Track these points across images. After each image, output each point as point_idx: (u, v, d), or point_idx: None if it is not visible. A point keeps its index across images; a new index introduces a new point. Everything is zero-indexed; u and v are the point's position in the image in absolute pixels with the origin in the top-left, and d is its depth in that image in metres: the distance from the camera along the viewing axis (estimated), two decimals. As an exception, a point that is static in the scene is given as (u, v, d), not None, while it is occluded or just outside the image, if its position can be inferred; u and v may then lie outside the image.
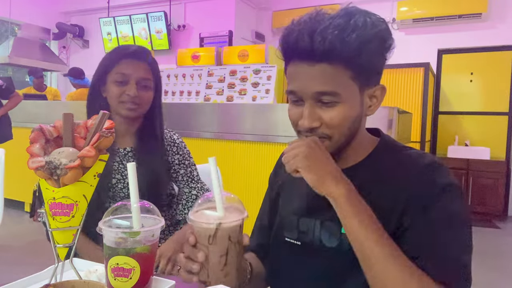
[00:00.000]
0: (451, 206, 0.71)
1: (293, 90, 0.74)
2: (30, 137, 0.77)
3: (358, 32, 0.67)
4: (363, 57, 0.69)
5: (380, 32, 0.71)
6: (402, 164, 0.76)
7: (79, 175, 0.74)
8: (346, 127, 0.73)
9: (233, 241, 0.68)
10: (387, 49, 0.74)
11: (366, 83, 0.73)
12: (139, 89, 1.22)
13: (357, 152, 0.80)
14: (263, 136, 2.85)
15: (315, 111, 0.72)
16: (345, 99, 0.71)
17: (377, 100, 0.77)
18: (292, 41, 0.71)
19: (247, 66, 4.41)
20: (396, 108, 2.65)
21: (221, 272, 0.68)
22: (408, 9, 5.35)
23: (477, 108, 5.05)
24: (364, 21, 0.69)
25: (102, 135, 0.76)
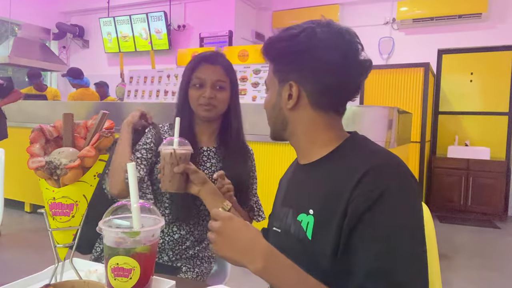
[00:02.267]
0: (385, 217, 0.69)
1: None
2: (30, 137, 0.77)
3: (276, 35, 0.86)
4: (272, 54, 0.87)
5: (289, 35, 0.83)
6: (357, 158, 0.77)
7: (79, 175, 0.74)
8: (269, 111, 0.91)
9: (166, 161, 1.10)
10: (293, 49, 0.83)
11: (281, 78, 0.86)
12: (214, 91, 1.30)
13: (320, 148, 0.84)
14: (263, 136, 2.84)
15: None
16: (269, 88, 0.90)
17: (293, 97, 0.84)
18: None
19: (247, 66, 4.41)
20: (396, 108, 2.65)
21: (164, 178, 1.11)
22: (408, 9, 5.35)
23: (477, 108, 5.05)
24: (288, 28, 0.85)
25: (102, 135, 0.76)
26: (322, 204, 0.77)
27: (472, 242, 3.87)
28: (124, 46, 6.92)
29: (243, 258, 0.72)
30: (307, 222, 0.78)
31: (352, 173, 0.73)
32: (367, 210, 0.69)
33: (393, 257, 0.67)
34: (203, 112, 1.31)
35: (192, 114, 1.35)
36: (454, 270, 3.01)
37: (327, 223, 0.74)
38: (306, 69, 0.82)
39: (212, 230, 0.76)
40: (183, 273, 1.31)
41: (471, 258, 3.37)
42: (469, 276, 2.93)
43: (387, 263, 0.67)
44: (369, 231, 0.69)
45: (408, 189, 0.73)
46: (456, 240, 3.89)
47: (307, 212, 0.79)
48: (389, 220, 0.69)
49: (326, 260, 0.73)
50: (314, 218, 0.77)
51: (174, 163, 1.09)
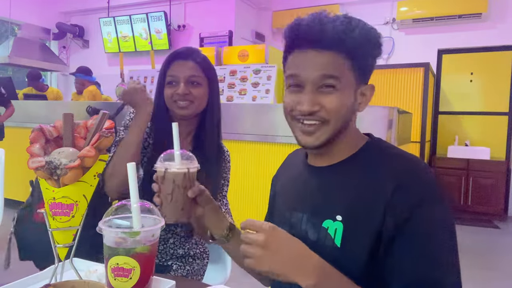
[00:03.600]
0: (430, 219, 0.70)
1: (296, 74, 0.78)
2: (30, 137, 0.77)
3: (359, 29, 0.75)
4: (361, 51, 0.76)
5: (377, 35, 0.78)
6: (389, 164, 0.76)
7: (79, 175, 0.74)
8: (342, 114, 0.77)
9: (176, 184, 0.86)
10: (377, 53, 0.79)
11: (360, 78, 0.79)
12: (188, 87, 1.25)
13: (345, 149, 0.81)
14: (263, 136, 2.85)
15: (315, 96, 0.76)
16: (343, 87, 0.76)
17: (366, 99, 0.81)
18: (304, 29, 0.76)
19: (247, 66, 4.41)
20: (396, 108, 2.65)
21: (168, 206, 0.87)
22: (408, 9, 5.35)
23: (477, 108, 5.05)
24: (364, 23, 0.77)
25: (102, 135, 0.76)
26: (353, 210, 0.74)
27: (472, 242, 3.87)
28: (124, 46, 6.92)
29: (293, 273, 0.67)
30: (334, 229, 0.75)
31: (387, 179, 0.72)
32: (409, 219, 0.69)
33: (439, 265, 0.68)
34: (178, 109, 1.25)
35: (168, 114, 1.28)
36: (454, 270, 3.00)
37: (360, 231, 0.72)
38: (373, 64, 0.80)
39: (253, 243, 0.69)
40: (174, 271, 1.30)
41: (471, 258, 3.37)
42: (469, 276, 2.91)
43: (434, 272, 0.67)
44: (412, 239, 0.69)
45: (441, 193, 0.74)
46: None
47: (333, 218, 0.76)
48: (432, 227, 0.70)
49: (357, 267, 0.71)
50: (343, 225, 0.74)
51: (188, 186, 0.87)
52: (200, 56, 1.30)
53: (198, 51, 1.32)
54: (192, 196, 0.88)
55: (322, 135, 0.77)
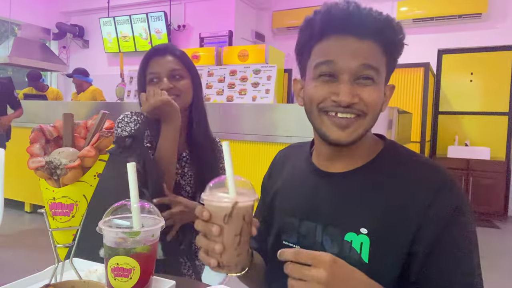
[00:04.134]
0: (466, 228, 0.69)
1: (332, 61, 0.70)
2: (30, 137, 0.77)
3: (398, 25, 0.71)
4: (396, 47, 0.72)
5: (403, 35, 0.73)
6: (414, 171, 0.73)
7: (79, 175, 0.74)
8: (377, 109, 0.73)
9: (246, 221, 0.68)
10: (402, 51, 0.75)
11: (388, 75, 0.75)
12: (172, 81, 1.22)
13: (363, 153, 0.77)
14: (263, 136, 2.85)
15: (353, 87, 0.70)
16: (380, 81, 0.72)
17: (386, 98, 0.77)
18: (344, 12, 0.69)
19: (247, 66, 4.41)
20: (396, 108, 2.65)
21: (235, 252, 0.68)
22: (408, 9, 5.35)
23: (477, 108, 5.05)
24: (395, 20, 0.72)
25: (102, 135, 0.76)
26: (381, 223, 0.69)
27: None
28: (124, 46, 6.92)
29: None
30: (360, 243, 0.70)
31: (419, 191, 0.69)
32: (445, 232, 0.67)
33: (473, 277, 0.67)
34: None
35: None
36: (454, 270, 3.01)
37: (391, 245, 0.68)
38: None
39: (312, 280, 0.56)
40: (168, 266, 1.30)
41: (471, 258, 3.37)
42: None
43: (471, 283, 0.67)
44: (450, 252, 0.67)
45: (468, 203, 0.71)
46: (456, 240, 3.88)
47: (357, 232, 0.70)
48: (466, 240, 0.68)
49: (386, 283, 0.65)
50: (369, 239, 0.69)
51: (249, 225, 0.70)
52: (177, 50, 1.28)
53: (175, 46, 1.29)
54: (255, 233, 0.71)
55: (357, 129, 0.72)
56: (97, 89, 5.46)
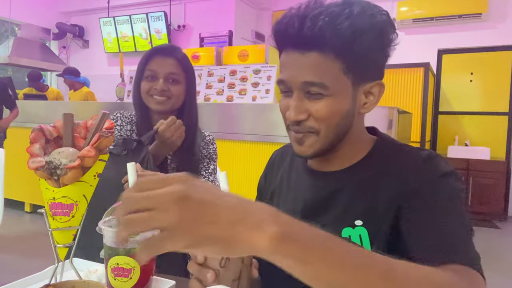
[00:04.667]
0: (453, 189, 0.66)
1: (283, 79, 0.69)
2: (30, 137, 0.77)
3: (352, 21, 0.62)
4: (356, 48, 0.64)
5: (378, 23, 0.65)
6: (401, 160, 0.71)
7: (79, 175, 0.74)
8: (335, 122, 0.68)
9: (246, 263, 0.61)
10: (387, 43, 0.68)
11: (360, 77, 0.68)
12: (168, 84, 1.24)
13: (354, 152, 0.75)
14: (263, 136, 2.85)
15: (302, 103, 0.68)
16: (334, 93, 0.66)
17: (374, 98, 0.72)
18: (283, 27, 0.66)
19: (247, 66, 4.40)
20: (396, 108, 2.65)
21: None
22: (408, 9, 5.35)
23: (477, 108, 5.05)
24: (361, 11, 0.64)
25: (102, 135, 0.76)
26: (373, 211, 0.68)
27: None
28: (124, 46, 6.92)
29: (239, 228, 0.40)
30: (358, 235, 0.69)
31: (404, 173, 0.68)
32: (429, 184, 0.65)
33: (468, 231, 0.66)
34: (154, 104, 1.24)
35: (148, 110, 1.27)
36: (454, 270, 3.00)
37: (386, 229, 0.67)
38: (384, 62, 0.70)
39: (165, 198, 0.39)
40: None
41: (471, 258, 3.36)
42: (469, 276, 2.92)
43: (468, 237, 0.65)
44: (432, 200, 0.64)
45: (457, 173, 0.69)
46: (456, 240, 3.88)
47: (352, 225, 0.70)
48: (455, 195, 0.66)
49: None
50: (366, 229, 0.69)
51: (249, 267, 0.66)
52: (181, 54, 1.29)
53: (180, 49, 1.31)
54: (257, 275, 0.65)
55: (313, 144, 0.70)
56: (90, 92, 5.44)
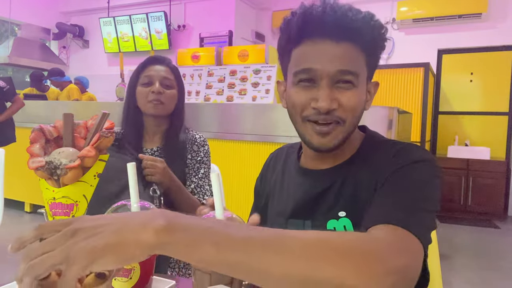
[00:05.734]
0: (423, 173, 0.66)
1: (312, 68, 0.69)
2: (30, 137, 0.77)
3: (374, 22, 0.69)
4: (378, 46, 0.71)
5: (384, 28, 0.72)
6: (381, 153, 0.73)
7: (79, 175, 0.74)
8: (358, 113, 0.72)
9: None
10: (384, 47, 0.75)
11: (371, 74, 0.74)
12: (163, 87, 1.35)
13: (347, 149, 0.78)
14: (263, 136, 2.85)
15: (333, 92, 0.69)
16: (360, 84, 0.70)
17: (371, 96, 0.78)
18: (318, 14, 0.67)
19: (247, 66, 4.41)
20: (396, 108, 2.65)
21: None
22: (408, 9, 5.35)
23: (477, 108, 5.05)
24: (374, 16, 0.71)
25: (102, 135, 0.76)
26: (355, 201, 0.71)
27: (472, 242, 3.87)
28: (124, 46, 6.92)
29: (123, 233, 0.41)
30: (343, 226, 0.72)
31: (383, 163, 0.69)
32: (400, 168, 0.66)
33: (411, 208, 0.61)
34: (151, 109, 1.34)
35: (140, 115, 1.38)
36: (454, 270, 3.01)
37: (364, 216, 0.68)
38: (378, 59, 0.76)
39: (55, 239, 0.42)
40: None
41: (471, 258, 3.37)
42: (469, 276, 2.93)
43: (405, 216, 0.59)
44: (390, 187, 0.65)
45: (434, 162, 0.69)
46: (456, 240, 3.89)
47: (336, 217, 0.72)
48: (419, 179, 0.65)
49: None
50: (350, 220, 0.71)
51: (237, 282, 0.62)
52: (172, 63, 1.44)
53: (170, 60, 1.46)
54: None
55: (337, 136, 0.71)
56: (73, 87, 5.45)
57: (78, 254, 0.40)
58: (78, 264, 0.40)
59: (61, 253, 0.40)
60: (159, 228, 0.42)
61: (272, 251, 0.44)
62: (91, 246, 0.40)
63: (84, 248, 0.40)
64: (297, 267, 0.44)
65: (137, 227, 0.42)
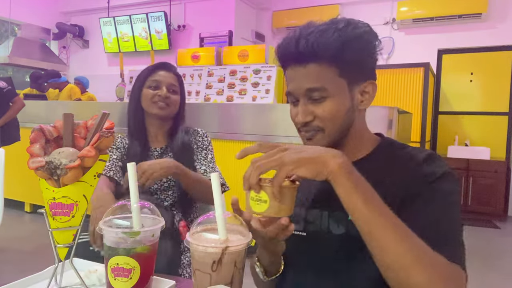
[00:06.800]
0: (449, 190, 0.75)
1: (290, 91, 0.83)
2: (30, 137, 0.77)
3: (339, 33, 0.76)
4: (346, 55, 0.76)
5: (361, 33, 0.78)
6: (401, 159, 0.80)
7: (79, 175, 0.74)
8: (339, 120, 0.80)
9: (238, 267, 0.61)
10: (372, 48, 0.80)
11: (354, 79, 0.80)
12: (169, 92, 1.46)
13: (357, 147, 0.84)
14: (263, 136, 2.85)
15: (307, 107, 0.80)
16: (333, 94, 0.78)
17: (369, 96, 0.83)
18: (284, 47, 0.81)
19: (247, 66, 4.41)
20: (396, 108, 2.65)
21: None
22: (408, 9, 5.35)
23: (477, 108, 5.05)
24: (346, 25, 0.77)
25: (102, 135, 0.76)
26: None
27: (472, 242, 3.87)
28: (124, 46, 6.92)
29: (322, 154, 0.65)
30: None
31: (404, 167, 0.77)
32: (428, 185, 0.74)
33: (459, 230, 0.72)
34: (157, 109, 1.44)
35: (144, 115, 1.48)
36: (454, 270, 3.01)
37: None
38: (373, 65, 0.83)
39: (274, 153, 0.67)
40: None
41: (471, 258, 3.34)
42: (469, 276, 2.92)
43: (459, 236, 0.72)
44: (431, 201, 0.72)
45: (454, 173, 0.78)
46: (456, 240, 3.88)
47: None
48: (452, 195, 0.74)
49: None
50: None
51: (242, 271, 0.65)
52: (177, 71, 1.55)
53: (175, 66, 1.57)
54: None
55: (320, 141, 0.81)
56: (74, 87, 5.49)
57: (288, 161, 0.64)
58: (287, 167, 0.64)
59: (277, 160, 0.65)
60: (340, 164, 0.65)
61: (397, 235, 0.63)
62: (298, 156, 0.64)
63: (294, 157, 0.64)
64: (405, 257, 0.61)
65: (329, 156, 0.65)
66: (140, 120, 1.49)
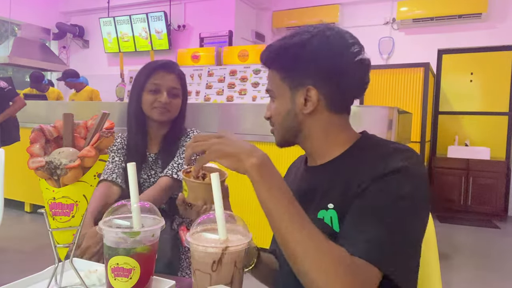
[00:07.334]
0: (397, 189, 0.71)
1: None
2: (30, 137, 0.77)
3: (281, 42, 0.84)
4: (281, 62, 0.85)
5: (300, 40, 0.82)
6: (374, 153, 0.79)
7: (79, 175, 0.74)
8: (281, 119, 0.87)
9: (238, 267, 0.62)
10: (314, 55, 0.81)
11: (295, 83, 0.84)
12: (169, 97, 1.38)
13: (331, 149, 0.85)
14: (263, 136, 2.85)
15: (269, 105, 0.90)
16: (277, 96, 0.87)
17: (311, 101, 0.83)
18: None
19: (247, 66, 4.41)
20: (396, 108, 2.65)
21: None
22: (408, 9, 5.35)
23: (477, 108, 5.05)
24: (294, 33, 0.84)
25: (102, 135, 0.76)
26: (343, 196, 0.76)
27: (472, 242, 3.87)
28: (124, 46, 6.92)
29: (240, 152, 0.71)
30: (330, 217, 0.78)
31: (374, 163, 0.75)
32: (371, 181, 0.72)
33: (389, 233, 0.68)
34: (157, 115, 1.38)
35: (145, 118, 1.41)
36: (454, 270, 3.01)
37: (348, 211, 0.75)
38: (323, 73, 0.82)
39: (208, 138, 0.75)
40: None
41: (471, 258, 3.37)
42: (469, 276, 2.93)
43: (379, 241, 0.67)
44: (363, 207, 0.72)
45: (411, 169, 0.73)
46: (456, 240, 3.89)
47: (326, 208, 0.79)
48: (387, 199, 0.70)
49: None
50: (336, 212, 0.77)
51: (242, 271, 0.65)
52: (179, 70, 1.45)
53: (178, 65, 1.47)
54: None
55: (276, 136, 0.91)
56: (95, 90, 5.46)
57: (215, 149, 0.73)
58: (212, 154, 0.73)
59: (207, 145, 0.74)
60: (254, 162, 0.70)
61: (296, 225, 0.66)
62: (223, 149, 0.73)
63: (220, 148, 0.73)
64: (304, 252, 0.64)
65: (247, 154, 0.71)
66: (141, 124, 1.42)
